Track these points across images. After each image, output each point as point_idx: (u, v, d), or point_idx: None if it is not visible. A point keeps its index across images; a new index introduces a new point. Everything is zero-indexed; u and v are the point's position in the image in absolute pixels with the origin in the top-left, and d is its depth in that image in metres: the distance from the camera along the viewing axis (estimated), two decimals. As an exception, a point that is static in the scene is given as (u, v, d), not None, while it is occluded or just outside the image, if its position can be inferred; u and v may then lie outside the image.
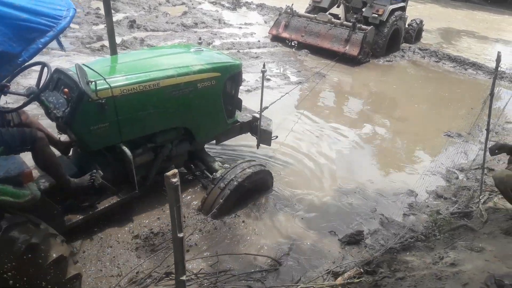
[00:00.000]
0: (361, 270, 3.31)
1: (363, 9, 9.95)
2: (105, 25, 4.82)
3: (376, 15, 9.44)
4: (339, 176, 4.87)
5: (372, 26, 9.16)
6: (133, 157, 3.44)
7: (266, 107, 4.32)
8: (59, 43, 2.79)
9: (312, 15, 9.88)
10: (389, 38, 9.89)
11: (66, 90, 3.12)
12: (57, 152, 3.69)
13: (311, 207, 4.25)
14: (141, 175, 3.69)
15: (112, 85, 3.19)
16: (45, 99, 3.22)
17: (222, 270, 3.26)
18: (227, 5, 14.18)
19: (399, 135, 6.18)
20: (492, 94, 3.98)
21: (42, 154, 2.99)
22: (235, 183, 3.73)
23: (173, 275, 3.07)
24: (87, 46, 8.38)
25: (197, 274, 3.20)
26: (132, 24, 10.07)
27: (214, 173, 3.93)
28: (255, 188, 4.03)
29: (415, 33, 11.56)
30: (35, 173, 3.10)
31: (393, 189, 4.75)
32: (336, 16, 10.19)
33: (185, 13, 12.01)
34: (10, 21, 2.05)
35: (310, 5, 10.80)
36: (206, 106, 3.91)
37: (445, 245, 3.62)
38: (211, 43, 9.44)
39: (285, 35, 9.96)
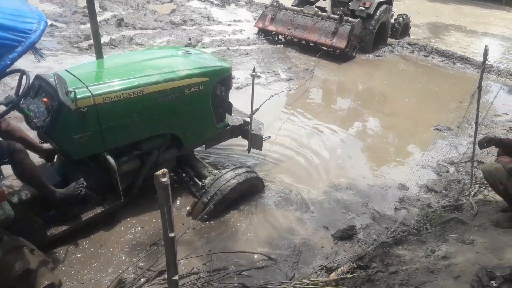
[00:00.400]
0: (354, 265, 3.32)
1: (350, 3, 9.89)
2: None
3: (363, 8, 9.35)
4: (331, 172, 4.88)
5: (359, 19, 9.10)
6: (118, 165, 3.36)
7: (257, 109, 4.24)
8: (38, 53, 2.70)
9: (299, 8, 9.80)
10: (376, 33, 9.82)
11: (45, 99, 3.02)
12: (38, 160, 3.63)
13: (303, 203, 4.25)
14: (127, 183, 3.61)
15: (94, 93, 3.10)
16: (25, 107, 3.13)
17: (216, 269, 3.25)
18: (215, 2, 14.12)
19: (390, 130, 6.21)
20: (480, 88, 4.01)
21: (22, 166, 2.90)
22: (219, 197, 3.65)
23: (165, 274, 3.05)
24: (74, 45, 8.30)
25: (190, 273, 3.19)
26: (120, 23, 9.99)
27: (203, 180, 3.84)
28: (243, 195, 3.97)
29: (401, 27, 11.49)
30: (17, 183, 3.05)
31: (384, 184, 4.77)
32: (323, 9, 10.12)
33: (173, 10, 11.93)
34: None
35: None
36: (193, 111, 3.82)
37: (437, 238, 3.65)
38: (200, 41, 9.39)
39: (271, 28, 9.87)
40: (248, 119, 4.31)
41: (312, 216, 4.08)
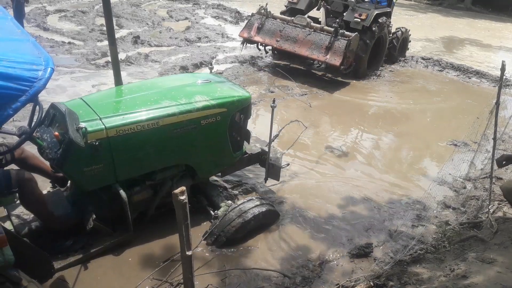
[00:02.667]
0: (371, 283, 3.28)
1: (345, 13, 8.89)
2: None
3: (359, 20, 8.35)
4: (346, 188, 4.84)
5: (356, 33, 8.05)
6: (130, 194, 3.34)
7: (277, 135, 4.20)
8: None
9: (289, 18, 8.64)
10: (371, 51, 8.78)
11: (56, 133, 3.02)
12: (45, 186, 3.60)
13: (319, 220, 4.22)
14: (140, 211, 3.59)
15: (107, 125, 3.08)
16: (39, 135, 3.14)
17: (231, 286, 3.23)
18: (229, 19, 14.29)
19: (405, 146, 6.16)
20: (498, 103, 3.97)
21: (30, 197, 2.91)
22: (224, 239, 3.58)
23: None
24: (91, 62, 8.45)
25: (206, 290, 3.18)
26: (136, 40, 10.16)
27: (216, 211, 3.79)
28: (257, 227, 3.81)
29: (399, 43, 10.29)
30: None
31: (401, 200, 4.72)
32: (315, 20, 9.09)
33: (188, 28, 12.11)
34: None
35: (286, 6, 9.70)
36: (209, 142, 3.75)
37: (456, 256, 3.58)
38: (215, 57, 9.48)
39: (257, 39, 8.65)
40: (266, 149, 4.25)
41: (328, 233, 4.04)
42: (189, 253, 2.05)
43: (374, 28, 8.47)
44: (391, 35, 10.11)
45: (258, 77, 8.60)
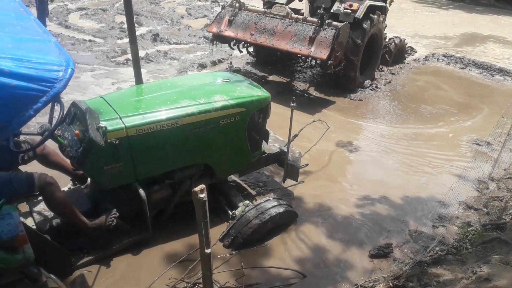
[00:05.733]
0: (390, 284, 3.23)
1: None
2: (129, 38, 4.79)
3: (349, 11, 6.97)
4: (365, 187, 4.79)
5: (346, 22, 6.66)
6: (149, 193, 3.36)
7: (296, 135, 4.13)
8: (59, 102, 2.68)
9: (266, 10, 7.34)
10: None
11: (76, 132, 3.06)
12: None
13: (337, 218, 4.19)
14: (158, 209, 3.61)
15: (127, 124, 3.10)
16: (61, 133, 3.18)
17: (248, 284, 3.24)
18: (248, 16, 14.28)
19: (426, 145, 6.04)
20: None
21: (52, 200, 2.95)
22: (241, 240, 3.56)
23: (199, 286, 3.07)
24: (111, 60, 8.56)
25: (223, 287, 3.19)
26: (156, 38, 10.24)
27: (233, 211, 3.77)
28: (274, 227, 3.79)
29: (393, 52, 9.32)
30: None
31: (421, 200, 4.64)
32: (298, 12, 7.61)
33: (206, 25, 12.13)
34: None
35: (264, 1, 8.36)
36: (228, 141, 3.75)
37: (478, 258, 3.50)
38: (231, 54, 9.48)
39: (228, 33, 7.27)
40: (285, 149, 4.22)
41: (347, 233, 4.00)
42: (208, 251, 2.06)
43: (365, 26, 7.10)
44: (386, 40, 9.08)
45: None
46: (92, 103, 3.31)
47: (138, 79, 4.76)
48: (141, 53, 8.76)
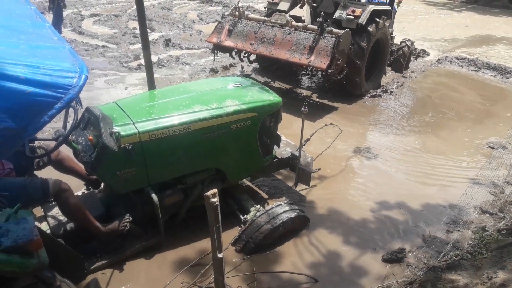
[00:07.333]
0: (404, 290, 3.20)
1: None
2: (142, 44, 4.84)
3: (352, 17, 6.89)
4: (377, 191, 4.75)
5: (347, 29, 6.52)
6: (162, 197, 3.38)
7: (308, 140, 4.10)
8: (78, 102, 2.70)
9: (266, 18, 7.27)
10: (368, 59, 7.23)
11: (90, 137, 3.08)
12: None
13: (349, 223, 4.16)
14: (171, 214, 3.63)
15: (140, 130, 3.12)
16: (75, 139, 3.21)
17: (260, 289, 3.23)
18: (259, 20, 14.35)
19: (440, 148, 5.98)
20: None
21: (67, 206, 2.99)
22: (252, 245, 3.54)
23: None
24: (124, 65, 8.67)
25: (236, 292, 3.19)
26: (168, 43, 10.35)
27: (245, 216, 3.76)
28: (286, 233, 3.76)
29: (407, 56, 9.29)
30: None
31: (435, 204, 4.59)
32: (299, 19, 7.39)
33: (218, 30, 12.23)
34: (14, 97, 1.86)
35: (265, 8, 8.39)
36: (240, 146, 3.76)
37: (493, 264, 3.45)
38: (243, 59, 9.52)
39: (228, 43, 7.22)
40: (297, 153, 4.21)
41: (359, 238, 3.97)
42: (220, 255, 2.06)
43: (370, 29, 6.98)
44: (395, 47, 9.09)
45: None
46: (106, 109, 3.34)
47: (151, 85, 4.80)
48: (154, 58, 8.85)
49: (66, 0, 11.11)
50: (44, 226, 3.22)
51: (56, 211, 3.34)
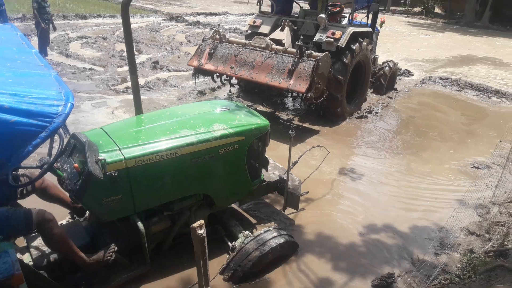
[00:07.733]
0: (394, 316, 3.18)
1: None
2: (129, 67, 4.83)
3: (331, 39, 6.91)
4: (366, 214, 4.76)
5: (326, 52, 6.51)
6: (148, 225, 3.33)
7: (296, 162, 4.10)
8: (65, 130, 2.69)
9: (246, 41, 7.32)
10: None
11: (75, 165, 3.03)
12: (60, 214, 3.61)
13: (338, 248, 4.15)
14: (158, 242, 3.57)
15: (126, 156, 3.07)
16: (60, 166, 3.16)
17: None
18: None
19: (425, 170, 6.04)
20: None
21: (50, 237, 2.91)
22: (241, 274, 3.46)
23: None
24: (112, 88, 8.65)
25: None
26: (155, 65, 10.39)
27: (233, 242, 3.70)
28: (275, 259, 3.71)
29: (386, 80, 9.27)
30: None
31: (422, 227, 4.60)
32: (279, 42, 7.32)
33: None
34: None
35: (246, 31, 8.44)
36: (228, 171, 3.72)
37: (482, 287, 3.46)
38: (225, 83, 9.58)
39: (209, 67, 7.18)
40: (285, 177, 4.21)
41: (349, 263, 3.95)
42: (207, 289, 2.03)
43: (353, 47, 7.04)
44: (376, 69, 9.17)
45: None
46: (92, 135, 3.30)
47: (138, 109, 4.78)
48: (141, 81, 8.86)
49: (55, 22, 11.11)
50: (26, 258, 3.14)
51: (39, 242, 3.26)
